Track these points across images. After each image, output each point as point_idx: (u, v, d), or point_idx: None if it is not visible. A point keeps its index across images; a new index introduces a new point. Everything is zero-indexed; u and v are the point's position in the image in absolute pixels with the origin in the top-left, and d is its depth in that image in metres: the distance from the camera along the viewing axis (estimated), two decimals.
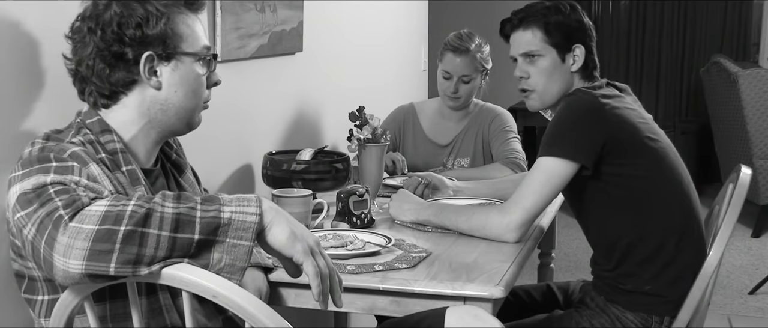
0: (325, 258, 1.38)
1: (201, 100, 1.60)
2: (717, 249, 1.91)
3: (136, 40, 1.49)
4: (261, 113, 2.62)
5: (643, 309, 1.99)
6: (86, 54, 1.49)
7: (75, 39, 1.51)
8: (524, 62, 2.12)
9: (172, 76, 1.54)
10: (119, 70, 1.50)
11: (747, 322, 3.81)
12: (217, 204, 1.29)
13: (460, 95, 2.94)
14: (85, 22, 1.50)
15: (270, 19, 2.55)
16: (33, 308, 1.48)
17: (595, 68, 2.15)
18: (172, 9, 1.52)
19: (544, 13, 2.10)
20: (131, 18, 1.48)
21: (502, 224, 1.99)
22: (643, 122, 2.02)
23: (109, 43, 1.48)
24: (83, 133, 1.50)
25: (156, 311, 1.49)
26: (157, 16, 1.50)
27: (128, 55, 1.49)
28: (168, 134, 1.61)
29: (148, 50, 1.50)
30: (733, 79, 5.00)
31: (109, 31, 1.48)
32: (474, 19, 6.19)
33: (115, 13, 1.48)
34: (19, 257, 1.44)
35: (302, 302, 1.78)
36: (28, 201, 1.29)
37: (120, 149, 1.51)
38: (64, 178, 1.32)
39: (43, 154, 1.39)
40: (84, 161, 1.40)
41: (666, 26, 6.61)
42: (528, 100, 2.16)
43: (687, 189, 2.05)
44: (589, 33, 2.13)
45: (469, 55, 2.91)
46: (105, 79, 1.50)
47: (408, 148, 3.07)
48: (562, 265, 4.61)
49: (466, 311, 1.60)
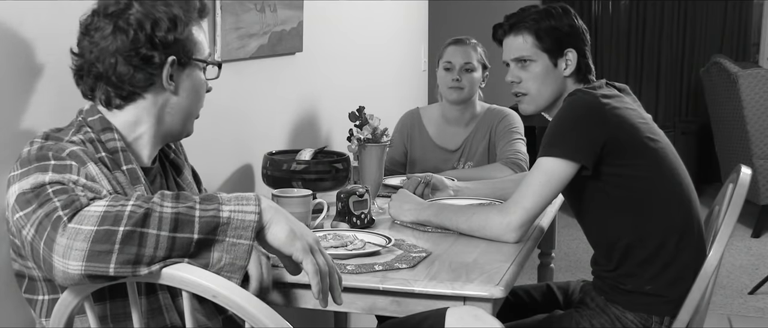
0: (325, 256, 1.38)
1: (201, 106, 1.64)
2: (717, 249, 1.91)
3: (165, 43, 1.50)
4: (261, 113, 2.62)
5: (643, 309, 1.99)
6: (108, 52, 1.48)
7: (93, 36, 1.49)
8: (516, 67, 2.13)
9: (186, 81, 1.57)
10: (142, 72, 1.50)
11: (747, 322, 3.81)
12: (216, 203, 1.29)
13: (463, 85, 2.92)
14: (109, 20, 1.48)
15: (270, 19, 2.55)
16: (34, 308, 1.48)
17: (590, 71, 2.14)
18: (190, 15, 1.55)
19: (535, 19, 2.09)
20: (162, 21, 1.49)
21: (502, 224, 1.99)
22: (643, 122, 2.03)
23: (138, 45, 1.48)
24: (84, 132, 1.50)
25: (156, 311, 1.49)
26: (184, 22, 1.52)
27: (155, 58, 1.50)
28: (169, 138, 1.63)
29: (172, 55, 1.52)
30: (733, 79, 5.00)
31: (142, 33, 1.47)
32: (474, 19, 6.20)
33: (145, 15, 1.48)
34: (20, 257, 1.44)
35: (302, 302, 1.78)
36: (27, 201, 1.28)
37: (121, 148, 1.51)
38: (63, 177, 1.32)
39: (41, 153, 1.38)
40: (82, 161, 1.40)
41: (666, 26, 6.61)
42: (521, 105, 2.17)
43: (687, 189, 2.05)
44: (581, 37, 2.12)
45: (469, 45, 2.95)
46: (126, 81, 1.50)
47: (416, 153, 3.06)
48: (562, 265, 4.61)
49: (466, 312, 1.60)
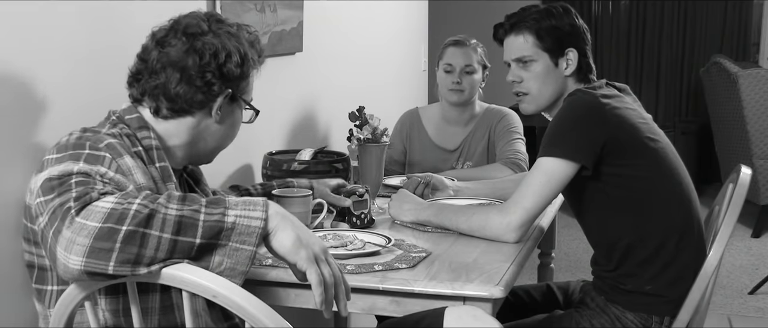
0: (332, 266, 1.37)
1: (230, 143, 1.73)
2: (717, 249, 1.91)
3: (229, 76, 1.59)
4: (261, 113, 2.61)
5: (643, 309, 1.99)
6: (176, 67, 1.55)
7: (165, 48, 1.55)
8: (517, 67, 2.13)
9: (230, 116, 1.66)
10: (200, 94, 1.58)
11: (747, 322, 3.81)
12: (222, 207, 1.29)
13: (464, 87, 2.92)
14: (187, 39, 1.55)
15: (270, 19, 2.55)
16: (42, 299, 1.49)
17: (591, 71, 2.14)
18: (255, 59, 1.64)
19: (536, 18, 2.09)
20: (235, 56, 1.58)
21: (502, 224, 1.99)
22: (643, 122, 2.02)
23: (206, 69, 1.56)
24: (120, 127, 1.55)
25: (167, 309, 1.50)
26: (250, 63, 1.62)
27: (215, 86, 1.58)
28: (194, 160, 1.71)
29: (230, 88, 1.60)
30: (733, 79, 5.00)
31: (214, 61, 1.56)
32: (474, 19, 6.20)
33: (222, 45, 1.56)
34: (34, 245, 1.46)
35: (302, 302, 1.78)
36: (51, 188, 1.31)
37: (155, 146, 1.57)
38: (91, 168, 1.35)
39: (79, 141, 1.43)
40: (119, 153, 1.45)
41: (666, 26, 6.61)
42: (521, 104, 2.17)
43: (687, 189, 2.05)
44: (582, 36, 2.12)
45: (469, 47, 2.94)
46: (182, 97, 1.57)
47: (415, 154, 3.06)
48: (562, 265, 4.61)
49: (465, 312, 1.60)
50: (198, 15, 1.60)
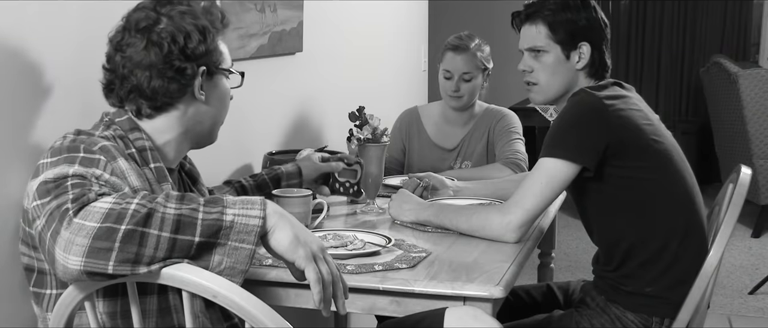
0: (330, 264, 1.37)
1: (226, 114, 1.70)
2: (717, 249, 1.90)
3: (197, 55, 1.55)
4: (261, 113, 2.62)
5: (643, 310, 1.98)
6: (142, 66, 1.52)
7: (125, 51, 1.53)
8: (529, 56, 2.12)
9: (215, 91, 1.62)
10: (175, 83, 1.55)
11: (747, 322, 3.81)
12: (220, 206, 1.29)
13: (462, 94, 2.92)
14: (141, 35, 1.52)
15: (270, 19, 2.55)
16: (40, 303, 1.48)
17: (604, 66, 2.11)
18: (216, 26, 1.60)
19: (551, 10, 2.07)
20: (193, 33, 1.54)
21: (502, 224, 1.99)
22: (648, 124, 2.01)
23: (172, 57, 1.53)
24: (113, 129, 1.54)
25: (164, 311, 1.49)
26: (212, 33, 1.58)
27: (188, 70, 1.55)
28: (195, 145, 1.68)
29: (203, 65, 1.57)
30: (733, 79, 5.00)
31: (176, 46, 1.52)
32: (474, 19, 6.20)
33: (176, 28, 1.53)
34: (33, 249, 1.46)
35: (302, 302, 1.78)
36: (47, 191, 1.31)
37: (148, 147, 1.56)
38: (87, 171, 1.35)
39: (74, 144, 1.42)
40: (113, 156, 1.44)
41: (666, 26, 6.61)
42: (530, 94, 2.16)
43: (691, 192, 2.04)
44: (599, 31, 2.09)
45: (468, 52, 2.91)
46: (160, 93, 1.55)
47: (414, 152, 3.05)
48: (562, 265, 4.61)
49: (465, 312, 1.60)
50: (146, 5, 1.56)
